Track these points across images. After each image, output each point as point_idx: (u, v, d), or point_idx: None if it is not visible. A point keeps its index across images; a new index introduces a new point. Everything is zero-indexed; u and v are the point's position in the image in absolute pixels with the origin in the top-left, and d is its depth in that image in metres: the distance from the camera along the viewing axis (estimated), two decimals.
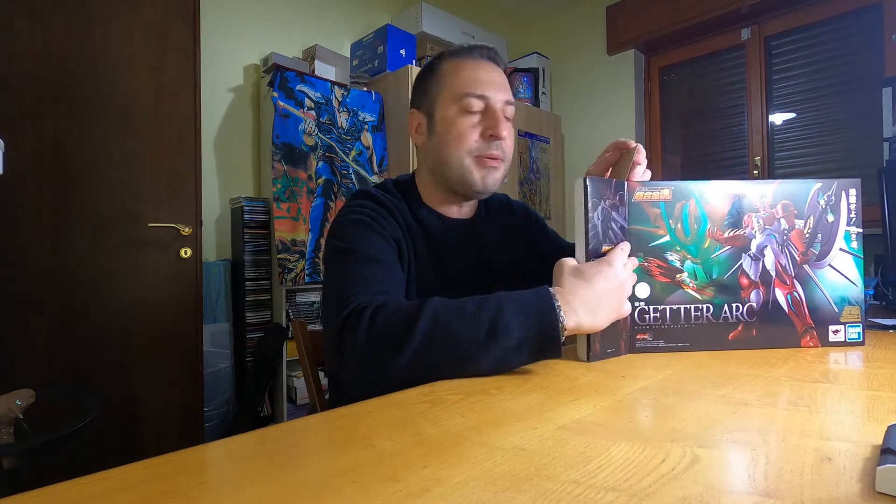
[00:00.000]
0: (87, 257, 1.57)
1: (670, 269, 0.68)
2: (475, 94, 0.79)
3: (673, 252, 0.68)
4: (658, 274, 0.68)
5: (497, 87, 0.80)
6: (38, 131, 1.51)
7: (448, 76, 0.81)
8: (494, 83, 0.80)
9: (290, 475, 0.31)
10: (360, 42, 2.53)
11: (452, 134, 0.79)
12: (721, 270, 0.69)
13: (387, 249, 0.75)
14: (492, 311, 0.57)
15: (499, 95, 0.80)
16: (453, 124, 0.79)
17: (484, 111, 0.80)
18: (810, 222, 0.71)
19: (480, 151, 0.80)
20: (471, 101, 0.79)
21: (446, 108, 0.80)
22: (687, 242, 0.69)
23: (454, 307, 0.59)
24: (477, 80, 0.79)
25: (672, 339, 0.68)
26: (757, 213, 0.70)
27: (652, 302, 0.68)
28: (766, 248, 0.70)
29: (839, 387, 0.49)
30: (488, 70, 0.81)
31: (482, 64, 0.82)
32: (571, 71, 3.17)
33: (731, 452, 0.34)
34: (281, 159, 2.07)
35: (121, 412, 1.61)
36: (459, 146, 0.79)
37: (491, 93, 0.79)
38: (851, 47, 2.30)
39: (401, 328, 0.57)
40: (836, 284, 0.71)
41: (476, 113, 0.79)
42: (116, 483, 0.30)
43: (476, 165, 0.80)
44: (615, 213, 0.67)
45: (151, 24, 1.70)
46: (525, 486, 0.29)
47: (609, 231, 0.66)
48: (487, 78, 0.80)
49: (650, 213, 0.68)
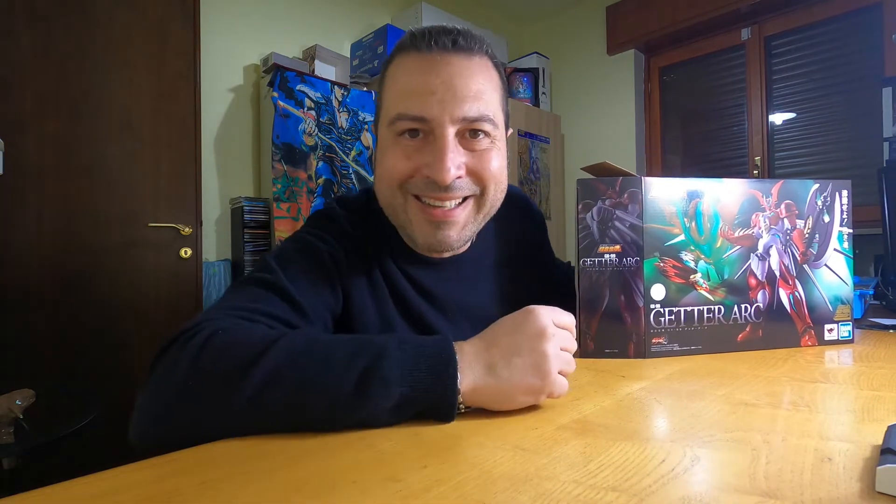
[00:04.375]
0: (87, 257, 1.57)
1: (685, 269, 0.68)
2: (408, 116, 0.55)
3: (687, 252, 0.68)
4: (673, 275, 0.67)
5: (453, 96, 0.54)
6: (38, 131, 1.51)
7: (388, 84, 0.60)
8: (447, 89, 0.54)
9: (290, 475, 0.31)
10: (360, 42, 2.53)
11: (382, 167, 0.59)
12: (732, 271, 0.69)
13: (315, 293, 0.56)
14: (365, 361, 0.41)
15: (454, 109, 0.54)
16: (383, 154, 0.59)
17: (427, 135, 0.56)
18: (809, 222, 0.72)
19: (420, 191, 0.57)
20: (402, 123, 0.56)
21: (383, 129, 0.59)
22: (701, 242, 0.68)
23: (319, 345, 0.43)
24: (414, 91, 0.55)
25: (686, 342, 0.67)
26: (763, 212, 0.70)
27: (667, 304, 0.66)
28: (772, 247, 0.70)
29: (839, 387, 0.49)
30: (442, 68, 0.55)
31: (432, 61, 0.56)
32: (571, 71, 3.17)
33: (731, 452, 0.34)
34: (281, 159, 2.07)
35: (121, 412, 1.60)
36: (390, 180, 0.58)
37: (435, 110, 0.54)
38: (851, 47, 2.30)
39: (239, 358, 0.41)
40: (831, 284, 0.72)
41: (414, 137, 0.56)
42: (116, 483, 0.30)
43: (414, 215, 0.58)
44: (621, 212, 0.66)
45: (151, 24, 1.70)
46: (525, 486, 0.29)
47: (611, 231, 0.66)
48: (436, 84, 0.54)
49: (666, 210, 0.67)
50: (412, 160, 0.56)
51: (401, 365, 0.41)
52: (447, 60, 0.56)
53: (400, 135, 0.57)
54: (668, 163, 2.93)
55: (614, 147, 2.95)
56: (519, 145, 2.76)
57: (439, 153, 0.54)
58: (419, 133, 0.56)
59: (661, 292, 0.66)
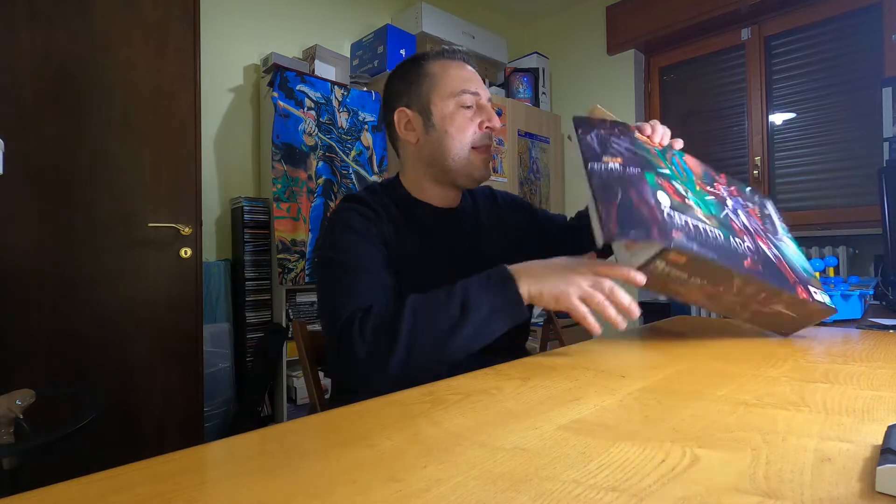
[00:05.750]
0: (87, 257, 1.57)
1: (680, 193, 0.66)
2: (469, 91, 0.85)
3: (677, 182, 0.69)
4: (672, 193, 0.65)
5: (481, 86, 0.88)
6: (39, 131, 1.51)
7: (439, 75, 0.86)
8: (479, 81, 0.88)
9: (290, 475, 0.31)
10: (360, 42, 2.53)
11: (454, 127, 0.84)
12: (716, 211, 0.69)
13: (374, 255, 0.78)
14: (460, 293, 0.65)
15: (485, 92, 0.88)
16: (453, 118, 0.84)
17: (476, 106, 0.86)
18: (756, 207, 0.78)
19: (480, 142, 0.86)
20: (465, 97, 0.85)
21: (443, 104, 0.85)
22: (683, 180, 0.71)
23: (428, 298, 0.66)
24: (467, 78, 0.86)
25: (702, 245, 0.61)
26: (721, 184, 0.76)
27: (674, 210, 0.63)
28: (738, 210, 0.73)
29: (839, 387, 0.49)
30: (471, 70, 0.89)
31: (464, 65, 0.89)
32: (571, 71, 3.17)
33: (731, 452, 0.34)
34: (281, 159, 2.07)
35: (121, 412, 1.61)
36: (462, 138, 0.84)
37: (481, 90, 0.87)
38: (851, 47, 2.30)
39: (388, 330, 0.64)
40: (798, 256, 0.75)
41: (470, 108, 0.85)
42: (116, 483, 0.30)
43: (477, 155, 0.86)
44: (615, 139, 0.69)
45: (151, 24, 1.70)
46: (525, 486, 0.29)
47: (611, 147, 0.67)
48: (473, 76, 0.88)
49: (651, 150, 0.71)
50: (473, 120, 0.85)
51: (479, 289, 0.65)
52: (470, 67, 0.89)
53: (460, 105, 0.84)
54: None
55: None
56: (519, 145, 2.76)
57: (492, 111, 0.87)
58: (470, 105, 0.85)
59: (667, 200, 0.63)
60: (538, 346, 1.98)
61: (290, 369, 2.12)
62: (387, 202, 0.86)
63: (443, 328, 0.63)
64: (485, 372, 0.59)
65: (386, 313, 0.66)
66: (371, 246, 0.78)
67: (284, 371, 2.09)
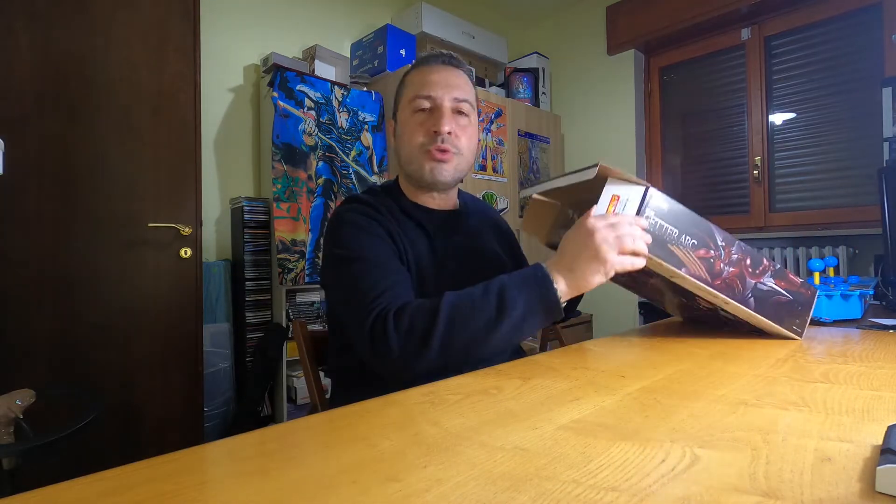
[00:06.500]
0: (87, 257, 1.57)
1: None
2: (422, 95, 0.86)
3: None
4: None
5: (446, 87, 0.86)
6: (39, 131, 1.50)
7: (407, 84, 0.90)
8: (444, 83, 0.86)
9: (290, 475, 0.31)
10: (360, 42, 2.53)
11: (405, 132, 0.88)
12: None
13: (386, 249, 0.79)
14: (497, 291, 0.65)
15: (447, 94, 0.86)
16: (406, 124, 0.88)
17: (431, 110, 0.86)
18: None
19: (427, 146, 0.85)
20: (418, 101, 0.86)
21: (403, 111, 0.89)
22: None
23: (465, 295, 0.66)
24: (426, 83, 0.87)
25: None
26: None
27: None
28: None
29: (839, 387, 0.49)
30: (441, 72, 0.88)
31: (436, 68, 0.88)
32: (571, 71, 3.17)
33: (731, 452, 0.34)
34: (281, 159, 2.07)
35: (121, 412, 1.61)
36: (410, 142, 0.86)
37: (438, 92, 0.85)
38: (851, 47, 2.30)
39: (424, 324, 0.65)
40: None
41: (424, 111, 0.86)
42: (116, 483, 0.30)
43: (425, 159, 0.86)
44: None
45: (151, 24, 1.70)
46: (525, 486, 0.29)
47: None
48: (437, 79, 0.87)
49: None
50: (423, 124, 0.85)
51: (516, 286, 0.66)
52: (444, 69, 0.89)
53: (414, 110, 0.86)
54: (667, 163, 2.94)
55: (614, 147, 2.95)
56: (519, 145, 2.76)
57: (440, 114, 0.85)
58: (424, 108, 0.86)
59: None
60: (538, 346, 1.98)
61: (290, 369, 2.12)
62: (388, 203, 0.87)
63: (479, 327, 0.64)
64: (485, 372, 0.59)
65: (422, 308, 0.66)
66: (382, 241, 0.79)
67: (284, 371, 2.09)
